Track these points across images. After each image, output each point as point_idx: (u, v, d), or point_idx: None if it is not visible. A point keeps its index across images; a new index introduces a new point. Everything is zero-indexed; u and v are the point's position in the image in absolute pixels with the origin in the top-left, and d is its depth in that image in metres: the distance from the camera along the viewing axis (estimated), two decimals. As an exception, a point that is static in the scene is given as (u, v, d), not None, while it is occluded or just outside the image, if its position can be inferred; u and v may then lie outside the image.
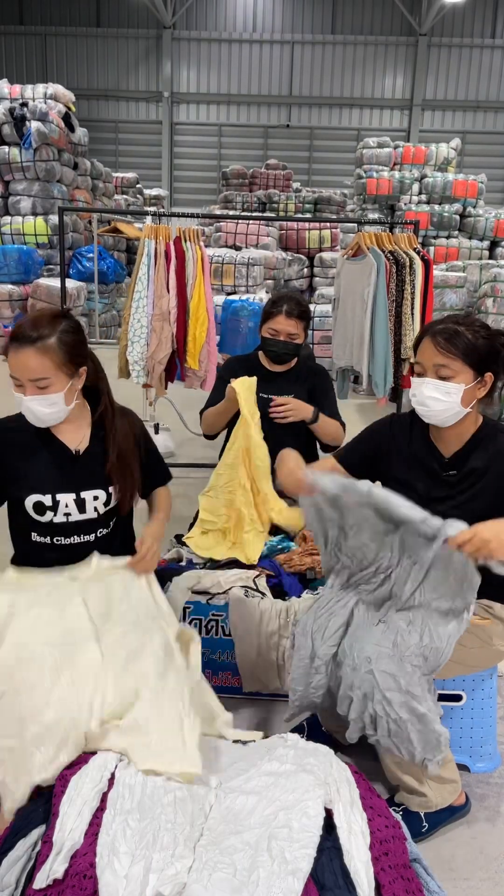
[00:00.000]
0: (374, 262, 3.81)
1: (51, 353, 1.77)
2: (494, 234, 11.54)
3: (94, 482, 1.93)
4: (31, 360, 1.76)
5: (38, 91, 10.03)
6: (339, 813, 1.38)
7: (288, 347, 2.87)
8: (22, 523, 1.93)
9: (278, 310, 2.82)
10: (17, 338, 1.77)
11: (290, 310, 2.81)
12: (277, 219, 6.94)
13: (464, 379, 1.77)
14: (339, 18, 21.16)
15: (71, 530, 1.92)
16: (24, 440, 1.91)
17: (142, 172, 18.46)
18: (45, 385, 1.78)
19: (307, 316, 2.91)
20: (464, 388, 1.77)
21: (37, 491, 1.88)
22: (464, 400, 1.78)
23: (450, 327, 1.79)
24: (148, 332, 3.88)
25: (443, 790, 1.85)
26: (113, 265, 10.41)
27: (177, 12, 20.98)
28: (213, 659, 2.43)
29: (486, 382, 1.80)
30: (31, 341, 1.75)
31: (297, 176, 17.43)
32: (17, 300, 9.16)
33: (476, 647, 1.87)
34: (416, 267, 3.89)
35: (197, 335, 3.92)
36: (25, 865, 1.32)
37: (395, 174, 11.93)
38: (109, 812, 1.37)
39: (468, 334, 1.77)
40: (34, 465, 1.89)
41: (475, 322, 1.82)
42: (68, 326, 1.82)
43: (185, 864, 1.26)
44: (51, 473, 1.89)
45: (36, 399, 1.78)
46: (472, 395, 1.80)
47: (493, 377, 1.80)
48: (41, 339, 1.76)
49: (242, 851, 1.29)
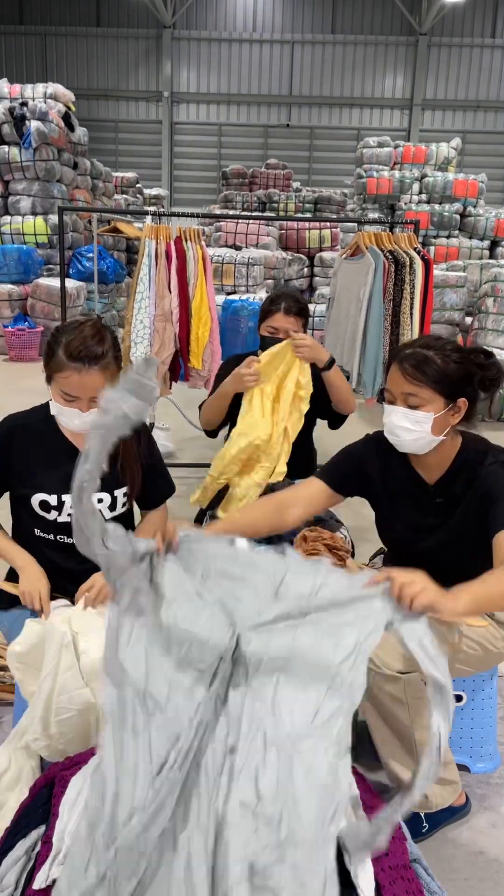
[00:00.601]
0: (371, 262, 3.81)
1: (111, 369, 1.81)
2: (495, 233, 11.54)
3: (101, 484, 1.93)
4: (96, 381, 1.78)
5: (38, 91, 10.03)
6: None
7: None
8: (26, 519, 1.94)
9: (276, 307, 2.81)
10: (78, 357, 1.76)
11: (289, 307, 2.80)
12: (277, 219, 6.94)
13: (434, 408, 1.68)
14: (339, 18, 21.17)
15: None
16: (37, 438, 1.92)
17: (142, 172, 18.46)
18: None
19: (306, 313, 2.90)
20: (433, 416, 1.68)
21: (43, 490, 1.89)
22: (434, 428, 1.69)
23: (418, 353, 1.69)
24: (151, 332, 3.88)
25: (443, 791, 1.85)
26: (113, 265, 10.41)
27: (177, 12, 20.98)
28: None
29: (460, 408, 1.71)
30: (96, 361, 1.77)
31: (297, 176, 17.43)
32: (16, 300, 9.16)
33: (476, 651, 1.87)
34: (416, 267, 3.89)
35: (200, 335, 3.92)
36: (25, 866, 1.31)
37: (396, 174, 11.92)
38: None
39: (437, 360, 1.67)
40: (43, 464, 1.90)
41: (446, 345, 1.72)
42: (113, 338, 1.85)
43: None
44: (58, 473, 1.89)
45: (91, 413, 1.80)
46: (444, 423, 1.71)
47: (469, 402, 1.71)
48: (104, 357, 1.79)
49: None
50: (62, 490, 1.89)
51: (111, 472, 1.97)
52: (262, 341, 2.91)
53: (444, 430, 1.72)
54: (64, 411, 1.82)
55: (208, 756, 1.19)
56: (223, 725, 1.23)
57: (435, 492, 1.83)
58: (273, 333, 2.84)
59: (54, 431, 1.92)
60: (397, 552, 1.99)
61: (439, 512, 1.83)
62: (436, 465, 1.80)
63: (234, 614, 1.36)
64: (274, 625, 1.34)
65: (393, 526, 1.95)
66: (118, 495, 1.99)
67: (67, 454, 1.92)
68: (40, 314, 9.03)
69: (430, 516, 1.84)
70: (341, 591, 1.38)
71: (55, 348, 1.80)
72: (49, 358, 1.82)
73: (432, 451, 1.77)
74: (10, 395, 6.74)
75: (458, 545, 1.82)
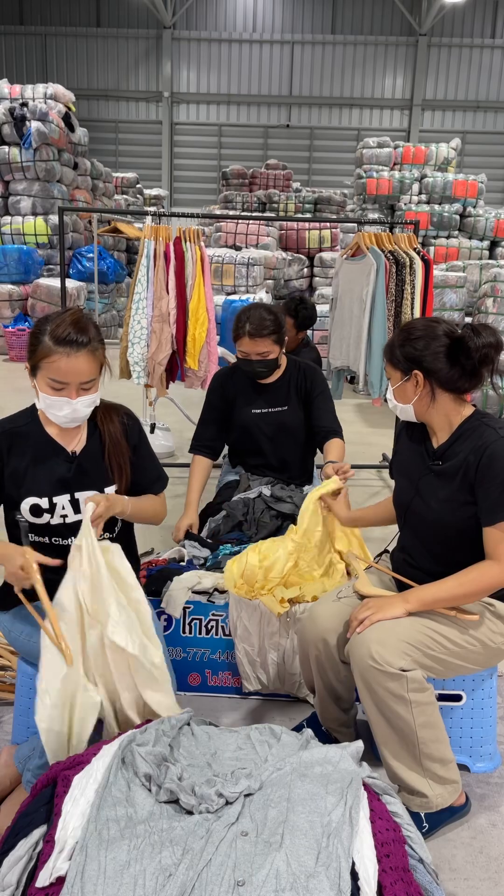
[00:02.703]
0: (373, 262, 3.81)
1: (98, 354, 1.82)
2: (494, 234, 11.54)
3: (90, 483, 1.93)
4: (84, 364, 1.79)
5: (38, 91, 10.04)
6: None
7: (262, 365, 2.82)
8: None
9: (242, 332, 2.76)
10: (66, 342, 1.76)
11: (254, 331, 2.73)
12: (277, 219, 6.94)
13: (394, 381, 1.96)
14: (339, 18, 21.17)
15: (66, 532, 1.92)
16: (28, 442, 1.91)
17: (142, 172, 18.48)
18: (89, 386, 1.82)
19: (278, 328, 2.80)
20: (392, 388, 1.97)
21: (34, 494, 1.88)
22: (400, 396, 1.95)
23: (390, 340, 2.01)
24: (148, 333, 3.88)
25: (443, 791, 1.85)
26: (113, 265, 10.42)
27: (177, 12, 20.99)
28: (213, 659, 2.43)
29: (418, 378, 1.89)
30: (84, 345, 1.78)
31: (297, 176, 17.44)
32: (17, 300, 9.17)
33: (476, 647, 1.87)
34: (417, 267, 3.89)
35: (196, 335, 3.92)
36: (27, 865, 1.32)
37: (395, 174, 11.93)
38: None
39: (396, 342, 1.95)
40: (34, 468, 1.89)
41: (411, 330, 1.94)
42: (95, 325, 1.86)
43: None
44: (48, 476, 1.89)
45: (81, 400, 1.81)
46: (405, 391, 1.93)
47: (426, 372, 1.88)
48: (91, 341, 1.80)
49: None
50: (52, 492, 1.89)
51: (102, 470, 1.95)
52: (238, 363, 2.88)
53: (410, 398, 1.93)
54: (53, 402, 1.81)
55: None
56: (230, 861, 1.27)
57: (435, 454, 1.95)
58: (245, 356, 2.80)
59: (40, 434, 1.91)
60: (401, 515, 2.09)
61: (436, 475, 1.94)
62: (440, 430, 1.96)
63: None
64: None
65: (399, 487, 2.10)
66: (108, 492, 1.96)
67: (55, 455, 1.91)
68: (40, 314, 9.03)
69: (428, 479, 1.96)
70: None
71: (40, 337, 1.79)
72: (34, 347, 1.80)
73: (434, 419, 1.95)
74: (9, 395, 6.74)
75: (452, 508, 1.89)
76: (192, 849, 1.26)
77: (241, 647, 2.36)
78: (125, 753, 1.49)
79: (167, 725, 1.60)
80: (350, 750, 1.54)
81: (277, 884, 1.20)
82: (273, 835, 1.30)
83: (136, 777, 1.44)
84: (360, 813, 1.38)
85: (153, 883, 1.21)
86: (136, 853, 1.26)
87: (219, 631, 2.41)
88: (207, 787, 1.40)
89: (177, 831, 1.30)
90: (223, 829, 1.31)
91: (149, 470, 2.07)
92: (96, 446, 1.95)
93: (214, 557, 2.62)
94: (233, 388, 2.96)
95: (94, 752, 1.52)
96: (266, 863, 1.24)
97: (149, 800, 1.39)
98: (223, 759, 1.55)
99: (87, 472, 1.93)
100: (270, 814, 1.34)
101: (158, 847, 1.27)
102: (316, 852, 1.27)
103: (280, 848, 1.27)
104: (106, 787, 1.40)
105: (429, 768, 1.81)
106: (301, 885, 1.20)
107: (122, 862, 1.24)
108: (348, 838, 1.30)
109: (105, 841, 1.28)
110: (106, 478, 1.96)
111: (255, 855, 1.26)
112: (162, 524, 2.16)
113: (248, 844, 1.28)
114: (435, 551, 1.95)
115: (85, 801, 1.37)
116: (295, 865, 1.24)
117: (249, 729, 1.66)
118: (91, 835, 1.29)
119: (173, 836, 1.29)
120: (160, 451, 4.93)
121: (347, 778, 1.44)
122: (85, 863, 1.24)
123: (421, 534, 1.99)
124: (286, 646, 2.34)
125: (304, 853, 1.26)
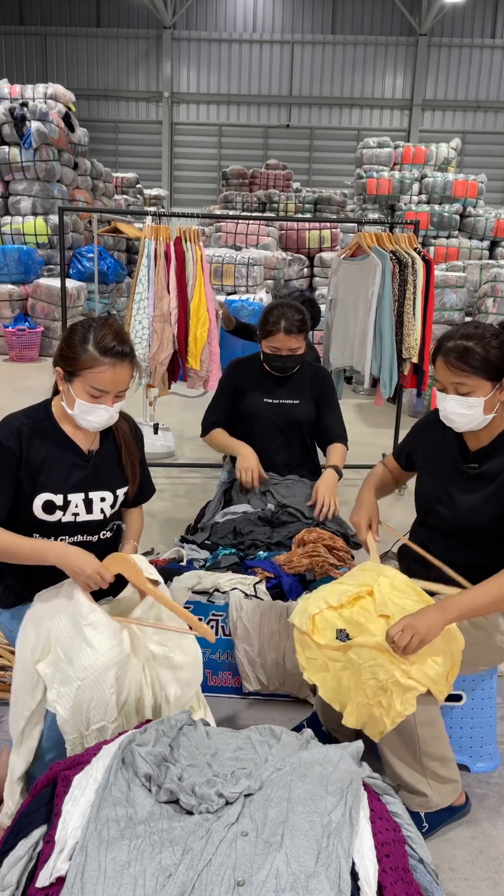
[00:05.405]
0: (378, 262, 3.80)
1: (135, 363, 1.89)
2: (494, 234, 11.53)
3: (103, 484, 1.97)
4: (127, 375, 1.86)
5: (38, 91, 10.04)
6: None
7: (291, 361, 2.89)
8: (25, 522, 1.93)
9: (277, 328, 2.82)
10: (113, 353, 1.81)
11: (289, 327, 2.81)
12: (277, 219, 6.94)
13: (482, 392, 1.83)
14: (339, 18, 21.16)
15: (75, 530, 1.94)
16: (45, 439, 1.93)
17: (142, 172, 18.46)
18: (124, 394, 1.89)
19: (307, 325, 2.90)
20: (483, 400, 1.84)
21: (49, 490, 1.89)
22: (486, 408, 1.85)
23: (459, 345, 1.83)
24: (149, 333, 3.89)
25: (443, 790, 1.85)
26: (113, 265, 10.41)
27: (177, 12, 20.98)
28: (212, 659, 2.43)
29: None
30: (127, 356, 1.84)
31: (297, 176, 17.42)
32: (17, 300, 9.17)
33: (478, 644, 1.88)
34: (418, 267, 3.89)
35: (198, 335, 3.92)
36: (27, 865, 1.32)
37: (395, 174, 11.92)
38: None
39: (478, 349, 1.81)
40: (51, 465, 1.91)
41: (486, 333, 1.84)
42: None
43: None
44: (64, 473, 1.91)
45: (115, 407, 1.87)
46: (493, 402, 1.86)
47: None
48: (132, 352, 1.86)
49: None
50: (68, 490, 1.90)
51: (116, 471, 1.98)
52: (266, 357, 2.92)
53: (493, 408, 1.87)
54: (90, 408, 1.84)
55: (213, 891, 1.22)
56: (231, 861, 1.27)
57: (472, 458, 1.93)
58: (276, 352, 2.86)
59: (56, 431, 1.93)
60: (422, 512, 2.06)
61: (469, 478, 1.91)
62: (484, 434, 1.93)
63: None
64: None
65: (424, 486, 2.06)
66: (119, 494, 2.01)
67: (72, 454, 1.93)
68: (40, 314, 9.04)
69: (460, 482, 1.93)
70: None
71: (85, 346, 1.81)
72: (76, 355, 1.82)
73: (490, 425, 1.92)
74: (10, 395, 6.74)
75: (484, 511, 1.87)
76: (192, 849, 1.27)
77: (241, 648, 2.36)
78: (125, 753, 1.49)
79: (167, 725, 1.60)
80: (350, 750, 1.54)
81: (277, 884, 1.20)
82: (273, 835, 1.30)
83: (136, 777, 1.44)
84: (361, 813, 1.38)
85: (153, 883, 1.21)
86: (136, 853, 1.26)
87: (219, 631, 2.41)
88: (207, 788, 1.40)
89: (177, 831, 1.30)
90: (223, 830, 1.31)
91: (145, 477, 2.14)
92: (110, 447, 2.00)
93: (214, 558, 2.63)
94: (245, 377, 3.01)
95: (94, 752, 1.52)
96: (266, 863, 1.24)
97: (149, 800, 1.39)
98: (223, 759, 1.55)
99: (102, 472, 1.97)
100: (270, 814, 1.35)
101: (158, 847, 1.27)
102: (316, 852, 1.27)
103: (280, 848, 1.27)
104: (106, 788, 1.40)
105: (429, 767, 1.81)
106: (301, 885, 1.20)
107: (122, 862, 1.24)
108: (348, 838, 1.30)
109: (105, 841, 1.28)
110: (119, 479, 2.00)
111: (255, 855, 1.26)
112: (166, 518, 2.17)
113: (248, 844, 1.28)
114: (451, 548, 1.96)
115: (85, 802, 1.37)
116: (295, 865, 1.24)
117: (249, 729, 1.67)
118: (91, 835, 1.29)
119: (173, 837, 1.29)
120: (161, 451, 4.92)
121: (347, 778, 1.44)
122: (85, 863, 1.24)
123: (441, 531, 1.99)
124: (286, 646, 2.34)
125: (304, 853, 1.26)
